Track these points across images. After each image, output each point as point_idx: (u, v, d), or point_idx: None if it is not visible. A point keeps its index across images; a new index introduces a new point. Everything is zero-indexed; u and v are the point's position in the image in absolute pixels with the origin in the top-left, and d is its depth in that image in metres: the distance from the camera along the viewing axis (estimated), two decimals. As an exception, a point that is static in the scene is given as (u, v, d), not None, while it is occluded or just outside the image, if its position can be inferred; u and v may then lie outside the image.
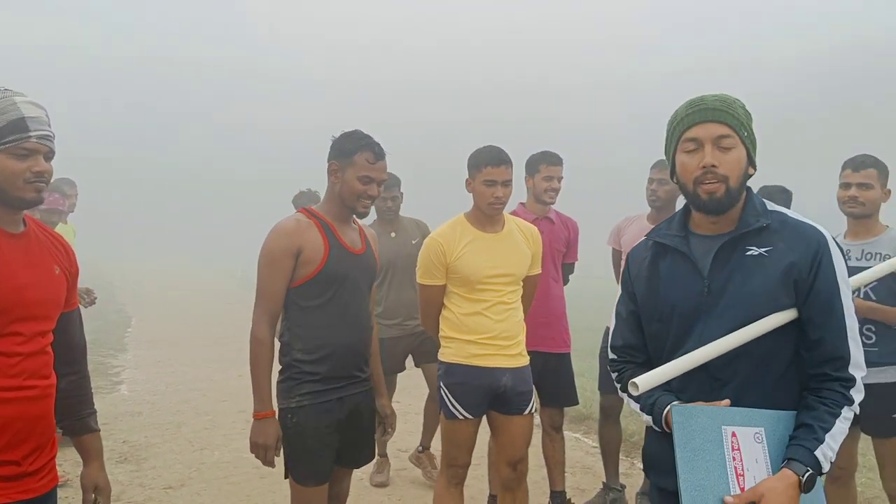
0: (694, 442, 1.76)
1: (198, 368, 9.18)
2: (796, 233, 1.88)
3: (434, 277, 3.33)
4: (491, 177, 3.23)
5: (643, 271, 2.04)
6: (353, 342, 2.86)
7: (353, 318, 2.86)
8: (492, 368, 3.26)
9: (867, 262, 3.36)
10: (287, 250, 2.74)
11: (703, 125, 1.86)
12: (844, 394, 1.83)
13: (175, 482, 4.92)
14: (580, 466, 5.28)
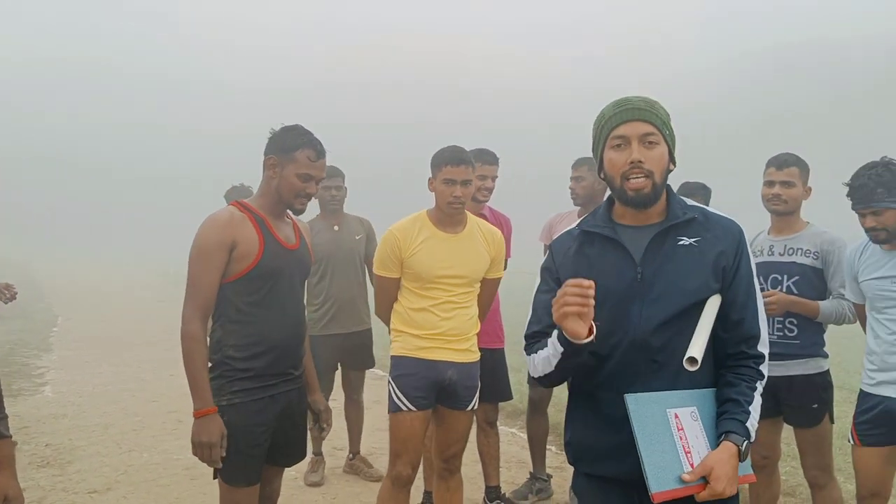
0: (648, 427, 1.87)
1: (128, 368, 8.90)
2: (719, 225, 2.04)
3: (389, 270, 3.33)
4: (450, 176, 3.23)
5: (569, 259, 2.09)
6: (287, 339, 2.80)
7: (287, 314, 2.80)
8: (436, 361, 3.27)
9: (790, 256, 3.47)
10: (220, 244, 2.65)
11: (629, 123, 1.97)
12: (758, 369, 2.02)
13: (101, 486, 4.75)
14: (515, 461, 5.32)
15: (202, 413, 2.60)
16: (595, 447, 2.04)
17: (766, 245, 3.58)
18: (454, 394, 3.33)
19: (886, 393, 3.03)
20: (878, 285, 3.07)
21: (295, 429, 2.93)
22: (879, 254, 3.11)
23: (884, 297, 3.06)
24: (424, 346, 3.28)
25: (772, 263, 3.52)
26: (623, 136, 1.97)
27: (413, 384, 3.26)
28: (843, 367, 8.34)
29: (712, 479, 1.83)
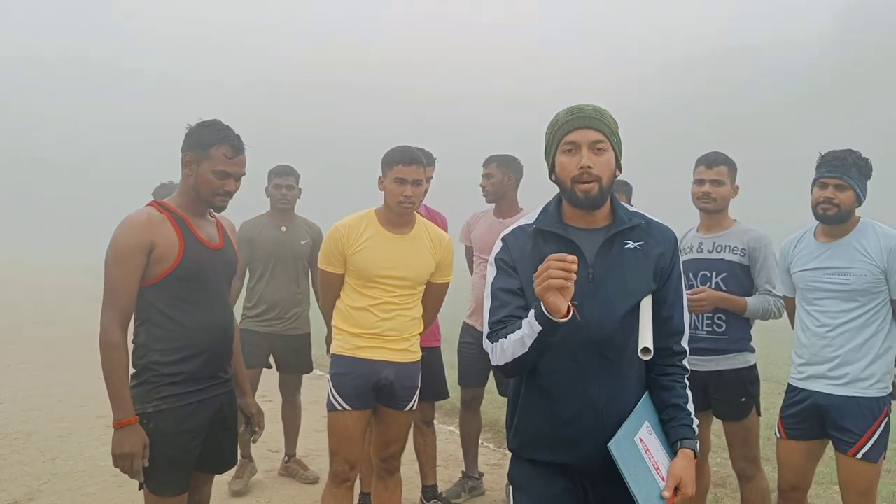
0: (630, 464, 2.01)
1: (55, 371, 8.55)
2: (658, 230, 2.21)
3: (332, 265, 3.30)
4: (401, 175, 3.19)
5: (526, 254, 2.15)
6: (215, 342, 2.72)
7: (213, 315, 2.72)
8: (373, 360, 3.24)
9: (718, 254, 3.54)
10: (138, 246, 2.55)
11: (580, 130, 2.09)
12: (683, 366, 2.21)
13: (22, 496, 4.54)
14: (453, 459, 5.31)
15: (122, 423, 2.50)
16: (544, 437, 2.14)
17: (695, 242, 3.64)
18: (392, 394, 3.30)
19: (815, 387, 3.10)
20: (811, 276, 3.14)
21: (225, 433, 2.85)
22: (814, 245, 3.18)
23: (816, 289, 3.12)
24: (361, 345, 3.25)
25: (701, 260, 3.58)
26: (574, 142, 2.09)
27: (348, 383, 3.22)
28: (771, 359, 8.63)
29: (682, 486, 2.04)
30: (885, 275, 3.00)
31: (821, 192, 3.09)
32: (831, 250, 3.11)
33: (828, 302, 3.09)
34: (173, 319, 2.62)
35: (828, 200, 3.06)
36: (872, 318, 3.03)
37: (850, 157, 3.07)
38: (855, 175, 3.05)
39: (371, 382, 3.24)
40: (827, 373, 3.07)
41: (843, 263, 3.05)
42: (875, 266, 2.99)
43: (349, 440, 3.23)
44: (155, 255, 2.57)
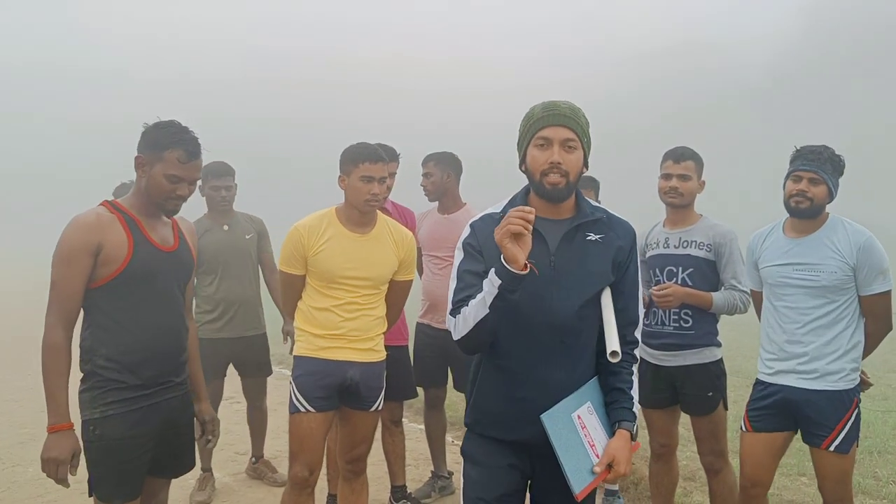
0: (563, 438, 2.14)
1: (16, 375, 8.37)
2: (619, 225, 2.34)
3: (293, 267, 3.23)
4: (368, 173, 3.13)
5: (491, 240, 2.15)
6: (163, 346, 2.66)
7: (163, 320, 2.65)
8: (338, 361, 3.19)
9: (684, 249, 3.54)
10: (85, 247, 2.48)
11: (554, 128, 2.20)
12: (633, 355, 2.33)
13: (-21, 506, 4.44)
14: (424, 458, 5.26)
15: (56, 428, 2.46)
16: (498, 414, 2.27)
17: (661, 238, 3.64)
18: (357, 394, 3.25)
19: (785, 382, 3.10)
20: (780, 272, 3.14)
21: (179, 438, 2.79)
22: (783, 241, 3.18)
23: (784, 284, 3.12)
24: (325, 345, 3.19)
25: (667, 256, 3.58)
26: (547, 137, 2.20)
27: (313, 385, 3.16)
28: (738, 352, 8.69)
29: (615, 464, 2.16)
30: (854, 272, 3.01)
31: (794, 186, 3.09)
32: (801, 246, 3.11)
33: (797, 298, 3.09)
34: (120, 323, 2.56)
35: (801, 193, 3.06)
36: (842, 314, 3.04)
37: (825, 151, 3.08)
38: (829, 170, 3.06)
39: (337, 383, 3.19)
40: (797, 367, 3.07)
41: (813, 260, 3.05)
42: (845, 263, 3.00)
43: (312, 443, 3.16)
44: (102, 256, 2.51)
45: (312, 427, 3.16)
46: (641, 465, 4.77)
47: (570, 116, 2.21)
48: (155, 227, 2.68)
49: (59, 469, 2.45)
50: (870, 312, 3.07)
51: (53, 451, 2.44)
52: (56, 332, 2.48)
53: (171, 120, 2.66)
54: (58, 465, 2.44)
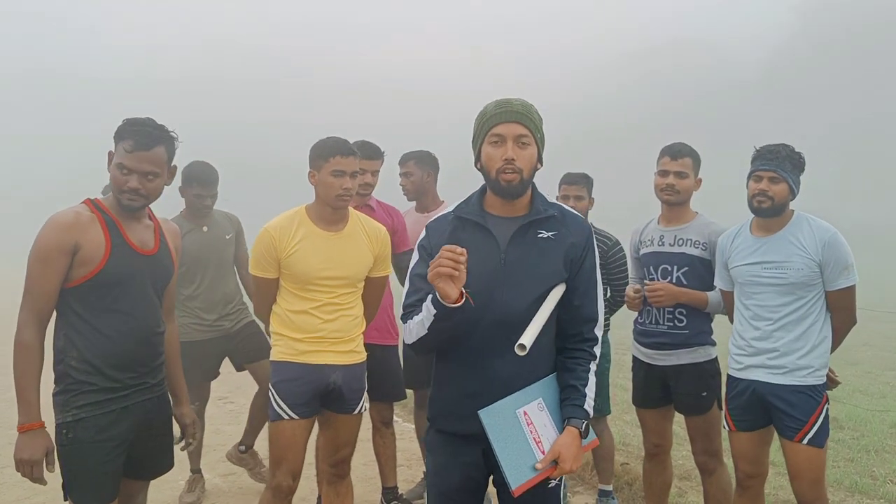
0: (502, 433, 2.15)
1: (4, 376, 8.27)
2: (573, 222, 2.35)
3: (265, 270, 3.12)
4: (339, 167, 3.05)
5: (443, 240, 2.25)
6: (136, 350, 2.61)
7: (137, 324, 2.61)
8: (321, 365, 3.11)
9: (679, 247, 3.51)
10: (61, 246, 2.45)
11: (507, 124, 2.23)
12: (590, 352, 2.32)
13: (-36, 509, 4.38)
14: (416, 458, 5.22)
15: (26, 428, 2.44)
16: (453, 410, 2.29)
17: (655, 235, 3.61)
18: (340, 397, 3.18)
19: (754, 376, 3.11)
20: (749, 271, 3.13)
21: (155, 440, 2.76)
22: (751, 240, 3.18)
23: (754, 283, 3.12)
24: (306, 349, 3.10)
25: (661, 254, 3.55)
26: (500, 134, 2.23)
27: (295, 390, 3.08)
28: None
29: (560, 461, 2.16)
30: (820, 267, 3.02)
31: (755, 185, 3.11)
32: (768, 244, 3.12)
33: (767, 296, 3.10)
34: (92, 325, 2.53)
35: (762, 193, 3.08)
36: (809, 310, 3.06)
37: (783, 150, 3.09)
38: (788, 168, 3.07)
39: (319, 388, 3.12)
40: (766, 362, 3.09)
41: (780, 257, 3.07)
42: (811, 259, 3.02)
43: (295, 450, 3.10)
44: (79, 257, 2.47)
45: (296, 434, 3.09)
46: (636, 465, 4.75)
47: (522, 113, 2.23)
48: (135, 228, 2.64)
49: (34, 469, 2.44)
50: (836, 307, 3.09)
51: (25, 452, 2.43)
52: (28, 330, 2.46)
53: (145, 117, 2.61)
54: (32, 466, 2.43)
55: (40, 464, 2.44)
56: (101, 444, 2.53)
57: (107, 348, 2.54)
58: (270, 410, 3.11)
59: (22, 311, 2.48)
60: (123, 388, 2.58)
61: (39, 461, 2.44)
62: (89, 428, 2.51)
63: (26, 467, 2.44)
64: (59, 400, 2.54)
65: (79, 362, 2.52)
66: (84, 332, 2.52)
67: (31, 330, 2.46)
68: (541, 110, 2.34)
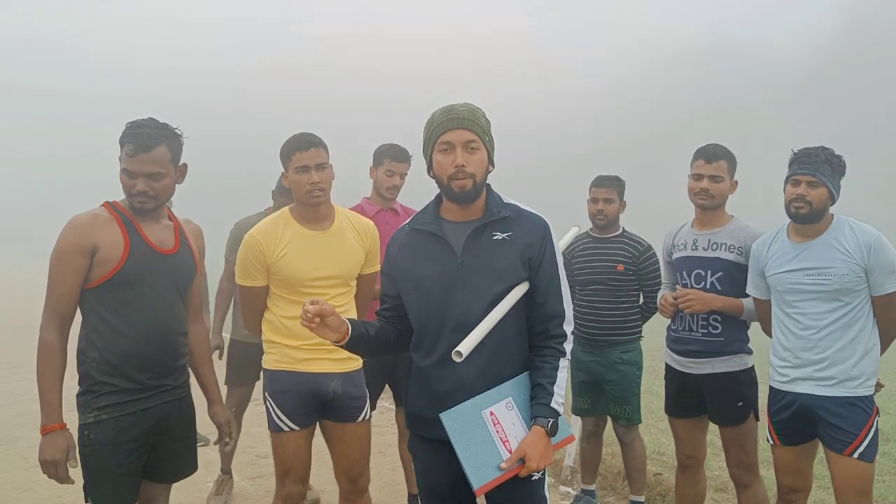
0: (465, 435, 2.20)
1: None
2: (528, 221, 2.36)
3: (254, 278, 3.02)
4: (302, 162, 2.95)
5: (401, 253, 2.40)
6: (156, 350, 2.61)
7: (157, 324, 2.61)
8: (318, 374, 3.01)
9: (713, 251, 3.40)
10: (79, 247, 2.47)
11: (454, 131, 2.26)
12: (559, 349, 2.32)
13: (-1, 505, 4.44)
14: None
15: (47, 429, 2.47)
16: (426, 416, 2.32)
17: (689, 239, 3.50)
18: (341, 407, 3.07)
19: (802, 389, 2.97)
20: (790, 278, 3.00)
21: (177, 442, 2.76)
22: (789, 246, 3.05)
23: (795, 291, 2.99)
24: (302, 357, 3.00)
25: (694, 258, 3.44)
26: (449, 142, 2.27)
27: (293, 401, 2.99)
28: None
29: (526, 459, 2.18)
30: (866, 272, 2.88)
31: (793, 190, 2.98)
32: (808, 250, 2.98)
33: (809, 304, 2.96)
34: (112, 326, 2.54)
35: (800, 198, 2.95)
36: (856, 316, 2.92)
37: (822, 153, 2.96)
38: (827, 172, 2.94)
39: (318, 397, 3.02)
40: (814, 374, 2.94)
41: (822, 263, 2.93)
42: (856, 264, 2.88)
43: (300, 459, 3.04)
44: (97, 257, 2.49)
45: (300, 444, 3.02)
46: (669, 475, 4.63)
47: (468, 118, 2.27)
48: (154, 229, 2.65)
49: (58, 469, 2.46)
50: (883, 313, 2.94)
51: (48, 454, 2.46)
52: (49, 332, 2.49)
53: (147, 118, 2.60)
54: (56, 466, 2.45)
55: (63, 464, 2.46)
56: (121, 445, 2.54)
57: (126, 348, 2.54)
58: (270, 421, 3.03)
59: (44, 312, 2.51)
60: (143, 389, 2.59)
61: (62, 461, 2.46)
62: (109, 429, 2.53)
63: (50, 468, 2.47)
64: (82, 401, 2.56)
65: (99, 362, 2.53)
66: (104, 332, 2.54)
67: (52, 331, 2.49)
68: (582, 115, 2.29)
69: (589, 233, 4.23)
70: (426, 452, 2.42)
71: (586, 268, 4.12)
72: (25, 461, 5.28)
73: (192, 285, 2.81)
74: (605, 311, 4.06)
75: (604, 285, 4.06)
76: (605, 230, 4.15)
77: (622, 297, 4.06)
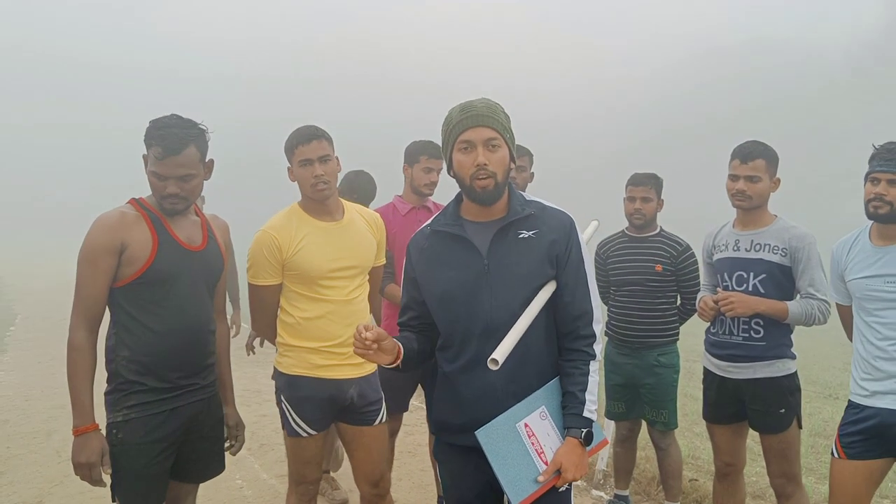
0: (501, 450, 2.15)
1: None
2: (553, 217, 2.29)
3: (269, 276, 2.96)
4: (304, 156, 2.91)
5: (424, 257, 2.32)
6: (186, 349, 2.58)
7: (187, 321, 2.57)
8: (338, 380, 2.96)
9: (756, 252, 3.26)
10: (107, 247, 2.43)
11: (474, 129, 2.17)
12: (588, 351, 2.25)
13: (31, 498, 4.47)
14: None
15: (81, 430, 2.42)
16: (454, 423, 2.28)
17: (731, 240, 3.37)
18: (358, 411, 3.03)
19: (883, 404, 2.77)
20: (868, 285, 2.82)
21: (205, 442, 2.72)
22: (869, 250, 2.87)
23: (874, 298, 2.80)
24: (322, 363, 2.94)
25: (737, 259, 3.30)
26: (469, 140, 2.17)
27: (313, 407, 2.95)
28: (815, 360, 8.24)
29: (563, 471, 2.14)
30: None
31: (872, 189, 2.78)
32: (891, 254, 2.78)
33: (891, 312, 2.76)
34: (142, 324, 2.50)
35: (879, 197, 2.74)
36: None
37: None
38: None
39: (335, 403, 2.98)
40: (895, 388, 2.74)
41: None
42: None
43: (316, 463, 3.03)
44: (126, 256, 2.45)
45: (318, 449, 3.00)
46: (706, 481, 4.50)
47: (488, 115, 2.19)
48: (182, 225, 2.61)
49: (93, 472, 2.42)
50: None
51: (82, 455, 2.41)
52: (78, 332, 2.45)
53: (170, 115, 2.55)
54: (90, 469, 2.41)
55: (97, 466, 2.42)
56: (149, 445, 2.51)
57: (157, 346, 2.51)
58: (286, 424, 2.99)
59: (73, 313, 2.47)
60: (174, 388, 2.56)
61: (96, 464, 2.42)
62: (138, 429, 2.49)
63: (84, 470, 2.42)
64: (110, 399, 2.53)
65: (129, 361, 2.50)
66: (134, 330, 2.51)
67: (81, 332, 2.45)
68: (618, 110, 2.18)
69: (625, 232, 4.12)
70: (453, 460, 2.36)
71: (623, 268, 4.00)
72: (58, 455, 5.34)
73: (219, 282, 2.77)
74: (642, 312, 3.94)
75: (641, 286, 3.94)
76: (643, 230, 4.03)
77: (660, 298, 3.94)
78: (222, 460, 2.84)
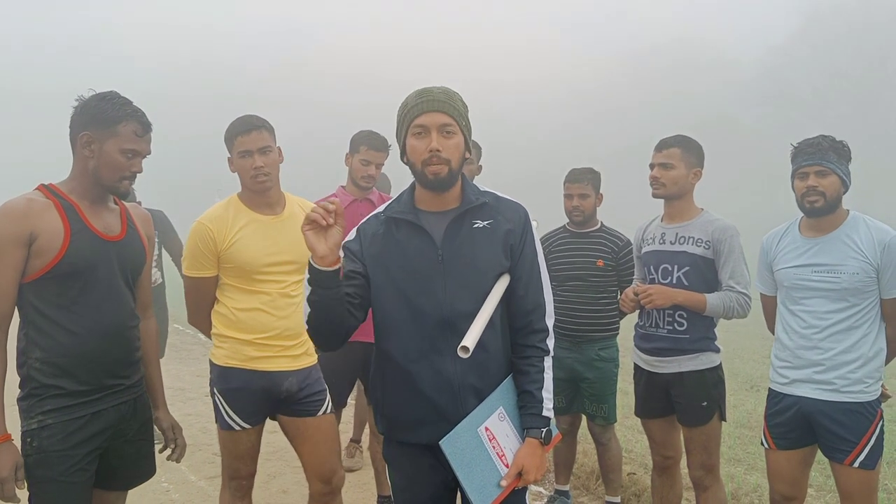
0: (465, 458, 2.11)
1: None
2: (508, 208, 2.26)
3: (203, 268, 2.90)
4: (244, 146, 2.86)
5: (377, 242, 2.23)
6: (106, 348, 2.40)
7: (106, 317, 2.39)
8: (272, 372, 2.89)
9: (680, 245, 3.32)
10: (14, 237, 2.24)
11: (429, 114, 2.13)
12: (542, 347, 2.23)
13: None
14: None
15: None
16: (406, 419, 2.21)
17: (657, 233, 3.43)
18: (298, 402, 2.96)
19: (801, 392, 2.89)
20: (798, 274, 2.92)
21: (131, 446, 2.55)
22: (800, 241, 2.97)
23: (801, 287, 2.90)
24: (255, 354, 2.88)
25: (662, 253, 3.36)
26: (423, 125, 2.13)
27: (245, 400, 2.88)
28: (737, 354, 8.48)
29: (524, 472, 2.13)
30: (878, 273, 2.79)
31: (802, 184, 2.88)
32: (819, 246, 2.89)
33: (815, 301, 2.87)
34: (56, 322, 2.31)
35: (812, 190, 2.84)
36: (862, 319, 2.82)
37: (824, 141, 2.88)
38: (833, 159, 2.84)
39: (272, 395, 2.91)
40: (814, 376, 2.86)
41: (833, 260, 2.84)
42: (868, 263, 2.79)
43: (251, 457, 2.96)
44: (35, 247, 2.27)
45: (252, 442, 2.93)
46: (643, 475, 4.55)
47: (444, 101, 2.15)
48: (98, 213, 2.43)
49: (5, 488, 2.22)
50: (892, 316, 2.85)
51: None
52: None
53: (112, 91, 2.44)
54: (2, 484, 2.21)
55: (10, 481, 2.23)
56: (69, 452, 2.32)
57: (73, 347, 2.33)
58: (219, 417, 2.92)
59: None
60: (94, 391, 2.38)
61: (9, 478, 2.22)
62: (56, 435, 2.31)
63: None
64: (24, 405, 2.34)
65: (43, 364, 2.31)
66: (47, 330, 2.31)
67: None
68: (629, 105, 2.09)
69: (566, 227, 4.12)
70: (405, 460, 2.27)
71: (564, 263, 4.00)
72: None
73: (141, 275, 2.61)
74: (583, 307, 3.95)
75: (583, 281, 3.95)
76: (583, 225, 4.04)
77: (601, 292, 3.96)
78: (152, 464, 2.68)
